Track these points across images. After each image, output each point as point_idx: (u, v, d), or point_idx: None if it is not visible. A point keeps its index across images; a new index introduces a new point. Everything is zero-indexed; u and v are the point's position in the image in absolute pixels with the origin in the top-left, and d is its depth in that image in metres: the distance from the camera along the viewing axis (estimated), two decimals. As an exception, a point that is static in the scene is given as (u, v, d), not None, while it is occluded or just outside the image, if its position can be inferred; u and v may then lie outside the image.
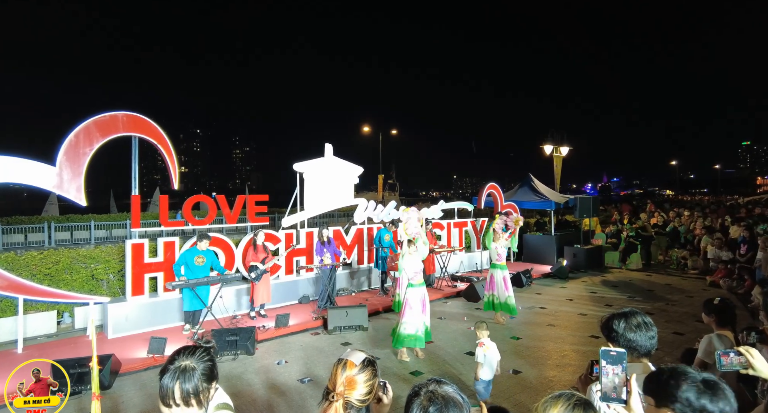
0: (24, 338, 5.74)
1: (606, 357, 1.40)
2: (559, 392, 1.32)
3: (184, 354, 1.51)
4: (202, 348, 1.56)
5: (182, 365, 1.46)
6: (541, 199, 12.23)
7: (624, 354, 1.40)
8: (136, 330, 6.26)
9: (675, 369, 1.35)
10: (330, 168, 8.78)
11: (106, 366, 4.59)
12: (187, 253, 6.28)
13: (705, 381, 1.29)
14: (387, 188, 32.81)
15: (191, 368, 1.46)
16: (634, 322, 1.78)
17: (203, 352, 1.54)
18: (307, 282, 8.17)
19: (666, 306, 7.80)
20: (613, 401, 1.38)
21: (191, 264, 6.20)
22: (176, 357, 1.50)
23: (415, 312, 5.43)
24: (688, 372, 1.33)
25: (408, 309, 5.44)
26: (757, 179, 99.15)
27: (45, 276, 6.44)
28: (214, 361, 1.56)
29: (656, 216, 15.13)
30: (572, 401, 1.27)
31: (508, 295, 6.95)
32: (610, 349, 1.41)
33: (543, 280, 10.26)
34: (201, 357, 1.52)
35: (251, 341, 5.57)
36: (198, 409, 1.46)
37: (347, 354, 1.54)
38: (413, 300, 5.46)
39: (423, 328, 5.46)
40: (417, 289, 5.51)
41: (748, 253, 9.03)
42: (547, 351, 5.66)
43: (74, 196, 5.84)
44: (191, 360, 1.48)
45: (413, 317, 5.41)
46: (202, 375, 1.47)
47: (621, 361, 1.38)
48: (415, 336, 5.37)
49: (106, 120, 6.11)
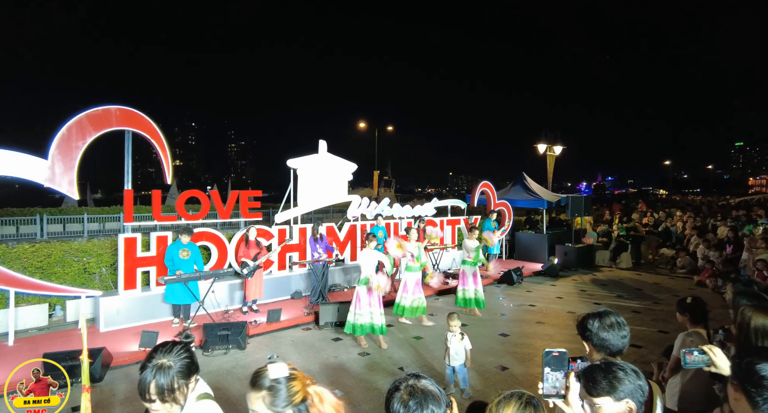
0: (15, 331, 5.76)
1: (549, 359, 1.51)
2: (510, 391, 1.40)
3: (162, 352, 1.54)
4: (181, 345, 1.59)
5: (159, 363, 1.50)
6: (534, 197, 12.34)
7: (565, 353, 1.52)
8: (128, 324, 6.29)
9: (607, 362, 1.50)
10: (324, 164, 8.81)
11: (97, 360, 4.63)
12: (172, 248, 6.33)
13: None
14: (382, 184, 32.84)
15: (167, 366, 1.50)
16: (607, 322, 1.85)
17: (181, 349, 1.57)
18: (299, 277, 8.22)
19: (653, 305, 7.93)
20: (553, 397, 1.51)
21: (176, 258, 6.26)
22: (154, 355, 1.53)
23: (363, 303, 5.86)
24: (617, 363, 1.48)
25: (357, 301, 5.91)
26: (749, 180, 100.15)
27: (37, 269, 6.45)
28: (192, 357, 1.59)
29: (648, 216, 15.31)
30: (523, 399, 1.36)
31: (476, 289, 7.32)
32: (552, 350, 1.52)
33: (534, 278, 10.37)
34: (178, 353, 1.55)
35: (243, 336, 5.62)
36: (175, 404, 1.51)
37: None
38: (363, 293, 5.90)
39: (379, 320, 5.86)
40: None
41: (735, 254, 9.19)
42: (535, 348, 5.75)
43: (66, 190, 5.84)
44: (168, 358, 1.52)
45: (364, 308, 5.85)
46: (178, 372, 1.51)
47: (563, 361, 1.51)
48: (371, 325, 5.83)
49: (99, 114, 6.09)
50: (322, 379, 4.78)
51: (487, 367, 5.06)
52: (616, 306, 7.86)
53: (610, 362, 1.44)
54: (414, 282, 6.73)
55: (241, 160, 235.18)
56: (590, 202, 13.58)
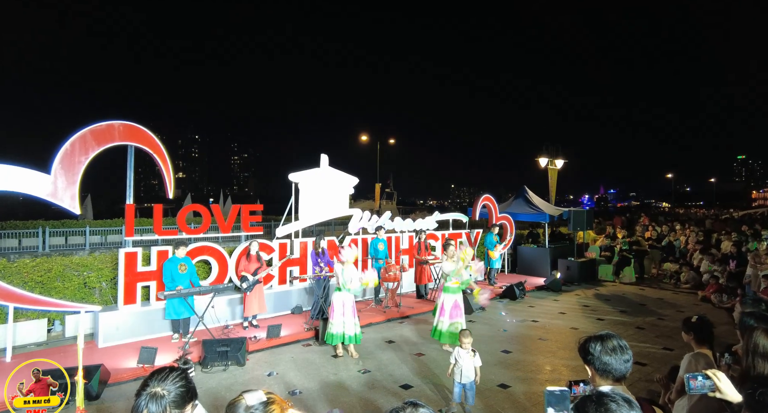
0: (14, 346, 5.72)
1: (551, 398, 1.50)
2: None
3: (157, 379, 1.51)
4: (177, 372, 1.55)
5: (153, 391, 1.47)
6: (536, 211, 12.31)
7: (567, 392, 1.51)
8: (127, 340, 6.24)
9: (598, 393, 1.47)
10: (325, 178, 8.83)
11: (95, 377, 4.57)
12: (169, 264, 6.32)
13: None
14: (384, 197, 32.90)
15: (161, 395, 1.47)
16: (609, 345, 1.81)
17: (177, 376, 1.53)
18: (300, 292, 8.17)
19: (657, 321, 7.83)
20: None
21: (176, 273, 6.25)
22: (149, 382, 1.50)
23: (337, 314, 5.97)
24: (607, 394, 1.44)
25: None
26: (752, 193, 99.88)
27: (37, 283, 6.44)
28: (188, 385, 1.55)
29: (650, 230, 15.23)
30: None
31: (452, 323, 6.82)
32: (554, 390, 1.51)
33: (536, 293, 10.28)
34: (174, 381, 1.51)
35: (242, 352, 5.56)
36: None
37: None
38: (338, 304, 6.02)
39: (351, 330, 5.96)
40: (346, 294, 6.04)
41: (738, 269, 9.11)
42: (537, 366, 5.67)
43: (68, 204, 5.85)
44: (162, 386, 1.49)
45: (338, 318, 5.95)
46: (172, 402, 1.48)
47: (565, 401, 1.50)
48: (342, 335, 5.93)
49: (102, 129, 6.15)
50: (321, 397, 4.71)
51: (487, 386, 4.97)
52: (620, 322, 7.77)
53: (601, 393, 1.41)
54: (452, 303, 6.05)
55: (243, 172, 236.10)
56: (592, 215, 13.54)
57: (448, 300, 6.07)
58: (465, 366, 4.28)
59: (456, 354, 4.35)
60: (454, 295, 6.10)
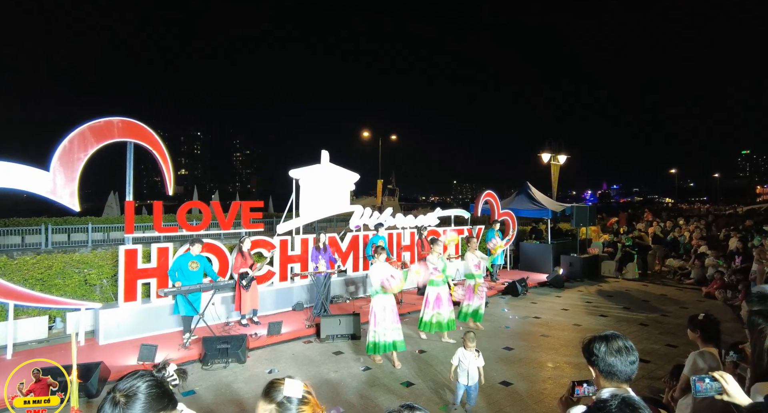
0: (14, 343, 5.71)
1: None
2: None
3: (122, 384, 1.27)
4: (145, 379, 1.30)
5: (114, 396, 1.25)
6: (538, 207, 12.24)
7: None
8: (127, 337, 6.23)
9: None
10: (326, 174, 8.78)
11: (94, 374, 4.56)
12: (181, 259, 6.25)
13: None
14: (386, 193, 32.85)
15: (121, 402, 1.23)
16: (615, 346, 1.76)
17: (145, 382, 1.28)
18: (301, 289, 8.14)
19: (661, 318, 7.77)
20: None
21: (185, 269, 6.18)
22: (117, 387, 1.27)
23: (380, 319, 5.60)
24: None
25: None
26: (757, 188, 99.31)
27: (37, 281, 6.43)
28: (158, 392, 1.29)
29: (654, 226, 15.13)
30: None
31: (468, 303, 7.13)
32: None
33: (539, 289, 10.23)
34: (143, 387, 1.27)
35: (242, 349, 5.54)
36: None
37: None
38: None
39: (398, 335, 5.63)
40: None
41: (743, 265, 9.03)
42: (539, 363, 5.62)
43: (68, 201, 5.83)
44: (122, 393, 1.25)
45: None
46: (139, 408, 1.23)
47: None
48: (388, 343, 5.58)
49: (101, 125, 6.11)
50: (322, 395, 4.68)
51: (489, 383, 4.92)
52: (623, 319, 7.71)
53: (597, 407, 1.37)
54: (435, 296, 6.37)
55: (246, 169, 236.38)
56: (595, 211, 13.44)
57: (432, 292, 6.42)
58: (470, 368, 4.22)
59: (460, 356, 4.30)
60: (437, 288, 6.43)
